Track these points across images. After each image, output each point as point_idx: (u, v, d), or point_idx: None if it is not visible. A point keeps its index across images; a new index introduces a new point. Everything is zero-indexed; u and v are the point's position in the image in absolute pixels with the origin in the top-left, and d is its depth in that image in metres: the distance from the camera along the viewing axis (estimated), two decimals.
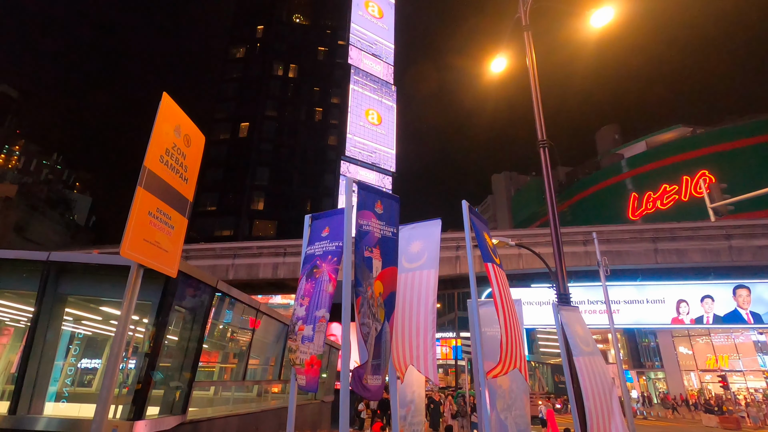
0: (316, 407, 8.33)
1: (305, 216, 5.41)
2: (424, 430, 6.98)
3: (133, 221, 2.51)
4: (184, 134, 3.07)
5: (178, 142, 3.00)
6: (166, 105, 2.86)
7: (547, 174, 8.46)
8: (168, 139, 2.89)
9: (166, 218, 2.84)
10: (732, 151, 42.89)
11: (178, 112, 3.03)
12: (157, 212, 2.74)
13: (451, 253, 24.34)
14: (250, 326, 5.88)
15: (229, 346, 5.94)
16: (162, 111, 2.82)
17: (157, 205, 2.75)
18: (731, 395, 32.09)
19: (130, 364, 4.37)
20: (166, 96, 2.88)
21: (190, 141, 3.15)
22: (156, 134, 2.76)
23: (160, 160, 2.79)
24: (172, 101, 2.94)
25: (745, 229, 23.51)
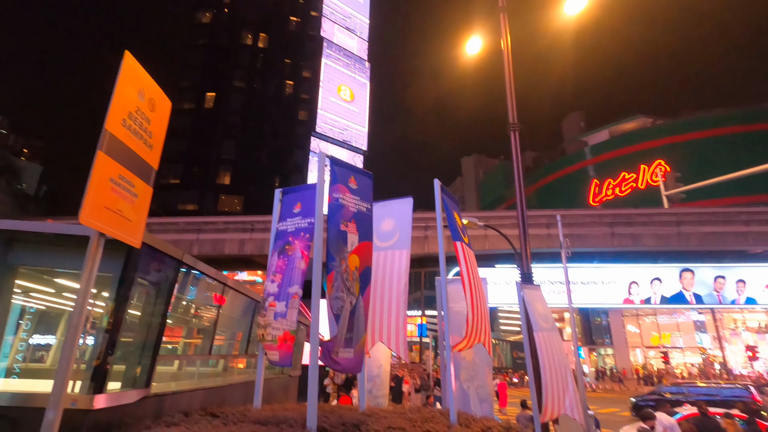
0: (284, 381, 8.39)
1: (276, 190, 5.30)
2: (387, 402, 7.20)
3: (93, 187, 2.37)
4: (148, 98, 2.90)
5: (142, 106, 2.83)
6: (128, 66, 2.68)
7: (516, 156, 8.64)
8: (131, 102, 2.72)
9: (129, 186, 2.70)
10: (686, 142, 45.23)
11: (142, 74, 2.84)
12: (120, 179, 2.60)
13: (420, 233, 24.66)
14: (216, 301, 5.78)
15: (194, 320, 5.84)
16: (124, 72, 2.64)
17: (120, 171, 2.60)
18: (671, 369, 34.85)
19: (89, 339, 4.22)
20: (128, 55, 2.69)
21: (154, 105, 2.98)
22: (118, 96, 2.58)
23: (123, 124, 2.63)
24: (135, 62, 2.76)
25: (695, 216, 25.07)
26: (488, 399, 5.59)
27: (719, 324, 35.96)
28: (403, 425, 3.48)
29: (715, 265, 26.57)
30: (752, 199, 32.34)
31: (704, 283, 26.38)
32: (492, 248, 24.78)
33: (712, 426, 7.66)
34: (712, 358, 35.79)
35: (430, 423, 3.64)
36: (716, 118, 46.88)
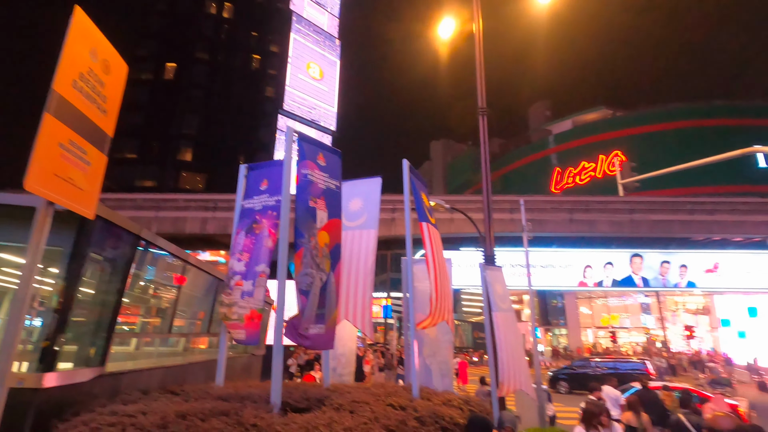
0: (247, 361, 8.32)
1: (240, 166, 5.14)
2: (352, 380, 7.32)
3: (40, 152, 2.20)
4: (102, 59, 2.70)
5: (95, 68, 2.64)
6: (79, 22, 2.48)
7: (484, 140, 8.79)
8: (82, 62, 2.52)
9: (81, 152, 2.53)
10: (642, 135, 47.47)
11: (95, 32, 2.64)
12: (70, 144, 2.43)
13: (388, 215, 24.79)
14: (177, 279, 5.61)
15: (153, 298, 5.64)
16: (74, 28, 2.43)
17: (70, 136, 2.42)
18: (618, 348, 37.34)
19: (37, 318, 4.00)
20: (78, 11, 2.48)
21: (109, 68, 2.78)
22: (67, 55, 2.39)
23: (73, 85, 2.44)
24: (86, 18, 2.55)
25: (645, 205, 26.56)
26: (449, 374, 5.80)
27: (662, 306, 38.68)
28: (367, 399, 3.55)
29: (662, 251, 28.39)
30: (697, 190, 34.62)
31: (651, 268, 28.18)
32: (458, 231, 25.30)
33: (652, 397, 8.30)
34: (655, 337, 38.60)
35: (393, 397, 3.73)
36: (669, 113, 49.39)
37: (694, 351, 32.68)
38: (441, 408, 3.84)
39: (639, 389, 8.30)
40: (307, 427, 2.61)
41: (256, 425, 2.49)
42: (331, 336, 3.77)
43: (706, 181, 37.98)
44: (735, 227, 26.38)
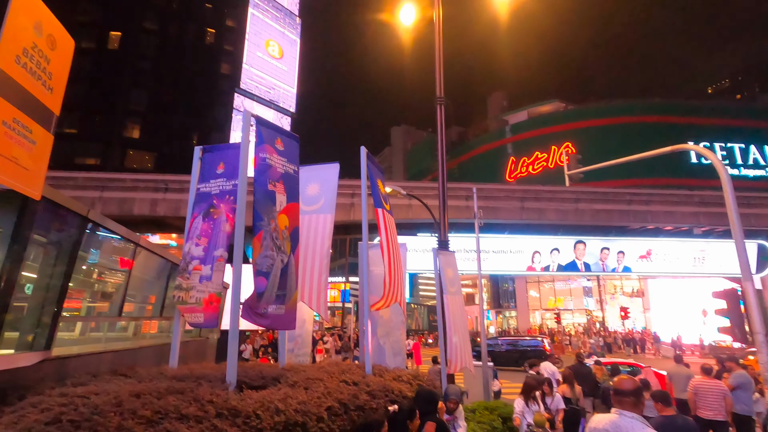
0: (201, 344, 8.24)
1: (195, 148, 5.05)
2: (309, 361, 7.48)
3: None
4: (47, 34, 2.60)
5: (40, 43, 2.54)
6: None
7: (441, 130, 9.04)
8: (26, 36, 2.43)
9: (26, 131, 2.45)
10: (589, 128, 50.05)
11: (39, 6, 2.54)
12: (14, 123, 2.35)
13: (346, 200, 24.80)
14: (127, 262, 5.46)
15: (102, 282, 5.47)
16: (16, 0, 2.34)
17: (14, 114, 2.35)
18: (562, 328, 39.96)
19: None
20: None
21: (55, 43, 2.68)
22: (9, 28, 2.30)
23: (16, 61, 2.35)
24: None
25: (589, 195, 28.28)
26: (401, 353, 6.10)
27: (602, 289, 41.65)
28: (322, 376, 3.73)
29: (602, 238, 30.46)
30: (636, 182, 37.27)
31: (593, 254, 30.20)
32: (415, 217, 25.79)
33: (585, 371, 9.08)
34: (595, 318, 41.63)
35: (347, 374, 3.93)
36: (613, 108, 52.35)
37: (628, 330, 35.60)
38: (391, 383, 4.09)
39: (574, 364, 9.06)
40: (263, 401, 2.74)
41: (212, 401, 2.59)
42: (292, 316, 3.89)
43: (644, 173, 40.91)
44: (666, 217, 28.75)
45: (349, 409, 3.25)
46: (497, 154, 55.97)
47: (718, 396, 6.98)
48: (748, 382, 7.32)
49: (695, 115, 50.25)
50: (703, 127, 48.56)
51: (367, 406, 3.42)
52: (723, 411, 6.98)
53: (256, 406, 2.65)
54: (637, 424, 2.37)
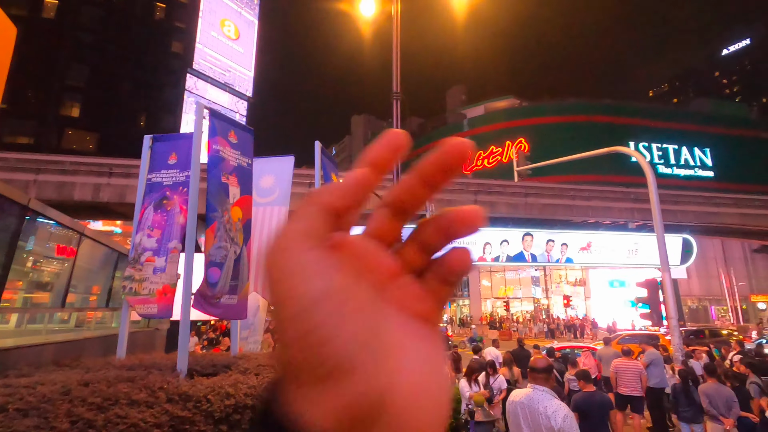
0: (149, 335, 8.07)
1: (145, 137, 4.97)
2: (260, 348, 7.58)
3: None
4: None
5: None
6: None
7: (397, 124, 9.30)
8: None
9: None
10: (542, 125, 52.35)
11: None
12: None
13: (303, 189, 24.61)
14: (70, 251, 5.29)
15: (43, 272, 5.26)
16: None
17: None
18: (510, 316, 42.07)
19: None
20: None
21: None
22: None
23: None
24: None
25: (537, 190, 29.80)
26: None
27: (548, 279, 44.15)
28: (273, 363, 3.90)
29: (548, 231, 32.28)
30: (580, 178, 39.55)
31: (539, 246, 31.96)
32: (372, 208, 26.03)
33: (526, 355, 9.80)
34: (541, 306, 44.13)
35: None
36: (564, 107, 55.03)
37: (569, 317, 38.10)
38: None
39: (515, 349, 9.75)
40: (213, 387, 2.88)
41: (163, 388, 2.70)
42: (244, 306, 4.01)
43: (589, 170, 43.51)
44: (605, 212, 30.89)
45: None
46: None
47: (635, 374, 7.89)
48: (658, 359, 8.27)
49: (637, 117, 53.87)
50: (644, 128, 52.21)
51: None
52: (639, 387, 7.88)
53: (206, 391, 2.80)
54: (546, 396, 2.75)
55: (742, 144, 54.10)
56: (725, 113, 61.29)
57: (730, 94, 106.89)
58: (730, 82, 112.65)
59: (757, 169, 52.09)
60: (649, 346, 8.96)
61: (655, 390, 8.08)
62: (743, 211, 31.36)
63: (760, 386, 6.96)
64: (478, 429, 5.56)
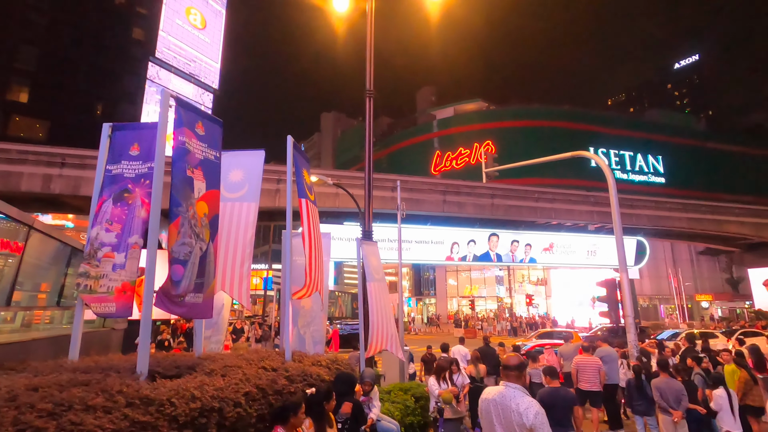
0: (104, 335, 7.64)
1: (104, 124, 4.67)
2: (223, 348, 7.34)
3: None
4: None
5: None
6: None
7: (369, 123, 9.23)
8: None
9: None
10: (509, 128, 53.77)
11: None
12: None
13: (272, 186, 24.10)
14: (16, 246, 4.91)
15: None
16: None
17: None
18: (475, 314, 42.94)
19: None
20: None
21: None
22: None
23: None
24: None
25: (503, 191, 30.58)
26: (321, 341, 6.27)
27: (512, 278, 45.43)
28: (240, 363, 3.76)
29: (513, 232, 33.20)
30: (544, 181, 40.98)
31: (504, 246, 32.80)
32: (342, 206, 25.88)
33: (491, 352, 10.00)
34: (505, 304, 45.34)
35: (266, 360, 4.00)
36: (529, 112, 56.80)
37: (531, 315, 39.35)
38: (310, 368, 4.25)
39: (481, 346, 9.94)
40: (178, 389, 2.74)
41: (122, 391, 2.53)
42: (210, 305, 3.85)
43: (552, 173, 45.11)
44: (567, 214, 32.11)
45: (268, 393, 3.35)
46: (424, 148, 57.82)
47: (594, 370, 8.22)
48: (610, 356, 8.67)
49: (597, 124, 56.34)
50: (603, 135, 54.65)
51: (285, 390, 3.54)
52: (598, 383, 8.22)
53: (170, 394, 2.65)
54: (519, 393, 2.80)
55: (690, 153, 57.75)
56: (676, 124, 65.28)
57: (680, 105, 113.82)
58: (681, 95, 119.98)
59: (703, 176, 55.76)
60: (604, 343, 9.35)
61: (608, 386, 8.47)
62: (691, 216, 33.46)
63: (704, 377, 7.41)
64: (446, 426, 5.62)
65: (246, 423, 3.02)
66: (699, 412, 6.72)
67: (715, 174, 56.80)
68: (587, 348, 8.69)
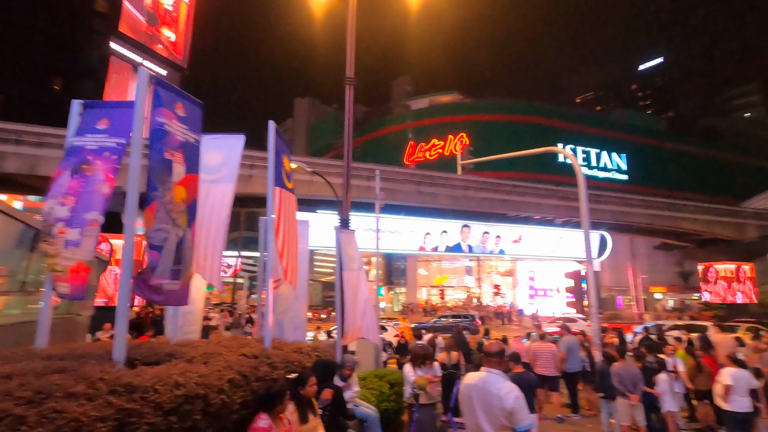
0: (69, 322, 7.31)
1: (73, 101, 4.42)
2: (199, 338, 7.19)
3: None
4: None
5: None
6: None
7: (349, 110, 9.15)
8: None
9: None
10: (482, 121, 54.53)
11: None
12: None
13: (245, 171, 23.54)
14: None
15: None
16: None
17: None
18: (445, 304, 43.81)
19: None
20: None
21: None
22: None
23: None
24: None
25: (477, 184, 31.13)
26: (302, 327, 6.26)
27: (481, 269, 46.53)
28: (220, 351, 3.72)
29: (485, 223, 33.95)
30: (516, 175, 41.93)
31: (476, 237, 33.52)
32: (316, 194, 25.65)
33: (462, 340, 10.29)
34: (473, 294, 46.46)
35: (246, 347, 3.97)
36: (502, 106, 57.79)
37: (498, 305, 40.55)
38: (292, 355, 4.26)
39: (453, 334, 10.20)
40: (160, 376, 2.69)
41: (103, 379, 2.47)
42: (186, 292, 3.77)
43: (523, 168, 46.21)
44: (536, 208, 33.08)
45: (250, 380, 3.34)
46: (399, 138, 57.87)
47: (550, 356, 8.72)
48: (573, 345, 9.15)
49: (566, 121, 57.98)
50: (571, 132, 56.34)
51: (267, 376, 3.54)
52: (553, 368, 8.71)
53: (153, 381, 2.60)
54: (499, 379, 2.92)
55: (651, 152, 60.52)
56: (639, 124, 68.10)
57: (644, 106, 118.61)
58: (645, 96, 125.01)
59: (662, 174, 58.64)
60: (566, 332, 9.81)
61: (569, 374, 8.95)
62: (650, 212, 35.20)
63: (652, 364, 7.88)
64: (421, 411, 5.77)
65: (230, 410, 3.01)
66: (653, 395, 7.20)
67: (673, 173, 59.84)
68: (543, 335, 9.23)
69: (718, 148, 68.04)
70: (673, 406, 7.21)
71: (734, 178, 61.44)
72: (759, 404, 6.72)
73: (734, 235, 36.08)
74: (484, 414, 2.84)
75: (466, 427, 3.08)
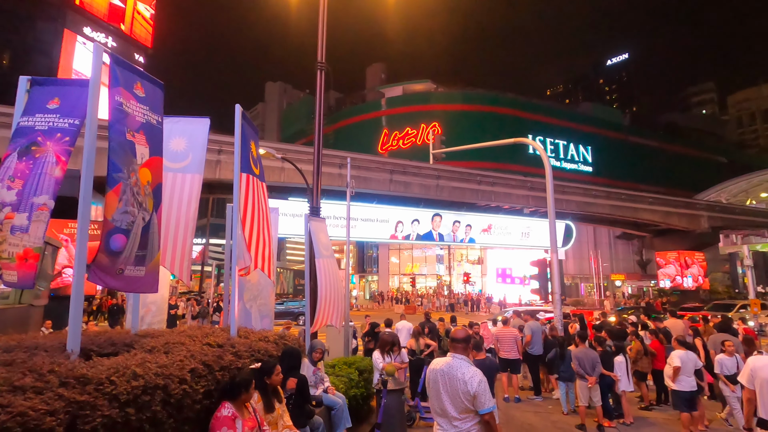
0: (21, 312, 6.93)
1: (21, 78, 4.13)
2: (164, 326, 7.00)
3: None
4: None
5: None
6: None
7: (320, 95, 9.00)
8: None
9: None
10: (455, 111, 54.90)
11: None
12: None
13: (213, 157, 22.83)
14: None
15: None
16: None
17: None
18: (415, 291, 44.40)
19: None
20: None
21: None
22: None
23: None
24: None
25: (448, 173, 31.43)
26: (269, 315, 6.19)
27: (452, 257, 47.30)
28: (183, 340, 3.62)
29: (455, 213, 34.43)
30: (486, 165, 42.59)
31: (446, 226, 33.97)
32: (288, 181, 25.23)
33: (432, 326, 10.46)
34: (444, 282, 47.25)
35: (211, 337, 3.88)
36: (474, 96, 58.32)
37: (468, 293, 41.43)
38: (257, 343, 4.20)
39: (422, 321, 10.36)
40: (117, 367, 2.59)
41: (54, 371, 2.35)
42: (154, 278, 3.63)
43: (493, 158, 46.98)
44: (506, 198, 33.80)
45: (214, 370, 3.27)
46: (372, 125, 57.49)
47: (512, 341, 9.06)
48: (536, 329, 9.52)
49: (536, 113, 59.16)
50: (541, 124, 57.58)
51: (232, 366, 3.48)
52: (516, 351, 9.06)
53: (109, 372, 2.50)
54: (464, 364, 2.99)
55: (615, 145, 62.80)
56: (605, 117, 70.36)
57: (610, 100, 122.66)
58: (611, 90, 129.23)
59: (625, 167, 61.05)
60: (531, 317, 10.17)
61: (532, 356, 9.33)
62: (613, 203, 36.66)
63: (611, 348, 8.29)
64: (389, 396, 5.85)
65: (192, 399, 2.94)
66: (612, 378, 7.59)
67: (635, 166, 62.39)
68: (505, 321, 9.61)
69: (677, 142, 71.39)
70: (628, 387, 7.67)
71: (690, 171, 64.82)
72: (702, 383, 7.24)
73: (688, 226, 38.17)
74: (449, 398, 2.91)
75: (431, 410, 3.15)
